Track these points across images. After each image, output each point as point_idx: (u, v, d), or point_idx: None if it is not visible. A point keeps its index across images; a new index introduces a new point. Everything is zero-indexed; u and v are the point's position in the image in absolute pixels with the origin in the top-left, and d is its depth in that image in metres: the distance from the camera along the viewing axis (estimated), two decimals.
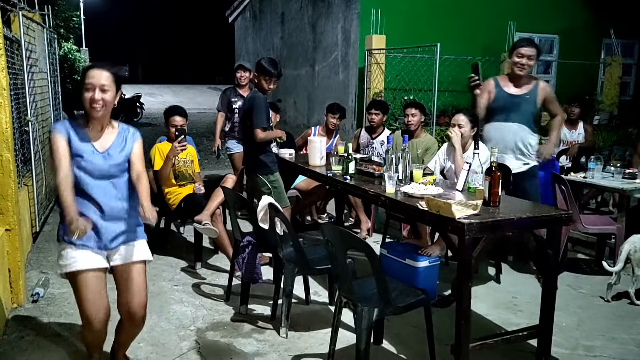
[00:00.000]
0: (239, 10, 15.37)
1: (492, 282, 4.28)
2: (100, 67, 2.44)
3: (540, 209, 2.96)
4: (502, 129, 4.16)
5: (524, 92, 4.15)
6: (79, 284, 2.43)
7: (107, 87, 2.41)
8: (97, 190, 2.45)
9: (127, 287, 2.54)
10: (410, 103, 5.27)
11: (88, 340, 2.62)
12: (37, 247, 4.80)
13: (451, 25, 8.85)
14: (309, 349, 3.18)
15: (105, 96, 2.40)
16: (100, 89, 2.39)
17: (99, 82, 2.39)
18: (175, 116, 4.56)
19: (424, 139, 5.13)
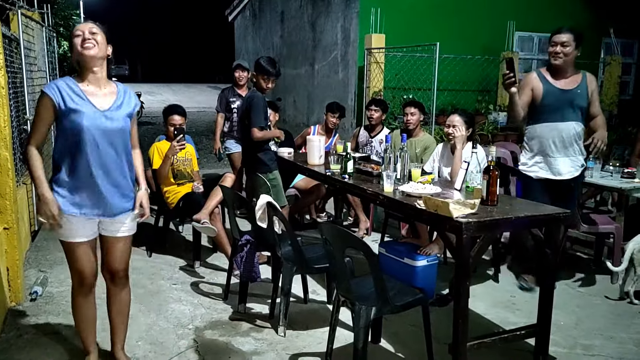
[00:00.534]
0: (238, 9, 15.35)
1: (491, 281, 4.29)
2: (86, 21, 2.51)
3: (539, 208, 2.95)
4: (559, 130, 3.72)
5: (574, 86, 3.74)
6: (72, 249, 2.56)
7: (96, 31, 2.44)
8: (98, 154, 2.44)
9: (113, 251, 2.68)
10: (409, 102, 5.26)
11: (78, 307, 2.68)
12: (36, 245, 4.80)
13: (451, 24, 8.84)
14: (307, 348, 3.19)
15: (96, 37, 2.43)
16: (90, 32, 2.42)
17: (86, 27, 2.44)
18: (174, 115, 4.56)
19: (422, 138, 5.13)
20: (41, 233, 5.09)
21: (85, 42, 2.39)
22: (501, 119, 8.82)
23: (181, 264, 4.53)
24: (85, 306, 2.69)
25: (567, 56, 3.68)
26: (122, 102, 2.55)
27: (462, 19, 8.99)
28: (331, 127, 5.76)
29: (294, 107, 11.78)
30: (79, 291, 2.66)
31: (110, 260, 2.70)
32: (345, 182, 3.75)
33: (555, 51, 3.68)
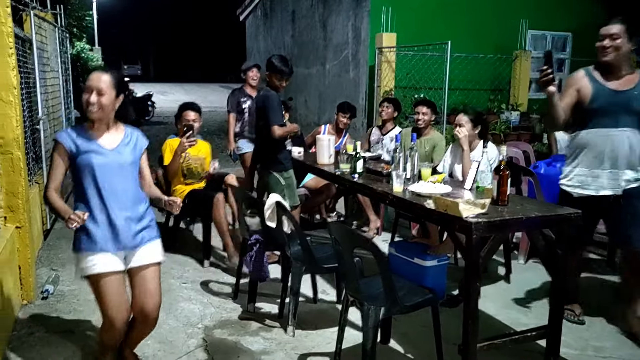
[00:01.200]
0: (250, 9, 15.39)
1: (502, 281, 4.25)
2: (101, 71, 2.48)
3: (550, 208, 2.92)
4: (612, 137, 3.17)
5: (630, 87, 3.17)
6: (100, 286, 2.46)
7: (104, 91, 2.42)
8: (111, 189, 2.47)
9: (143, 289, 2.58)
10: (421, 101, 5.22)
11: (106, 340, 2.64)
12: (48, 244, 4.85)
13: (462, 23, 8.78)
14: (316, 348, 3.18)
15: (102, 99, 2.42)
16: (97, 92, 2.41)
17: (96, 85, 2.41)
18: (188, 110, 4.58)
19: (431, 136, 5.10)
20: (53, 232, 5.14)
21: (90, 105, 2.41)
22: (513, 118, 8.75)
23: (191, 263, 4.55)
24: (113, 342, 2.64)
25: (618, 51, 3.12)
26: (129, 140, 2.59)
27: (474, 17, 8.93)
28: (342, 127, 5.75)
29: (305, 106, 11.78)
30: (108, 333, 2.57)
31: (141, 297, 2.57)
32: (354, 182, 3.74)
33: (603, 45, 3.14)
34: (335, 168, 4.18)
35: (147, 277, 2.58)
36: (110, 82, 2.44)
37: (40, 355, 2.98)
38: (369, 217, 5.39)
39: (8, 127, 3.30)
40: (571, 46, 10.10)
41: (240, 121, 6.02)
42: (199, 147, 4.61)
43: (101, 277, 2.45)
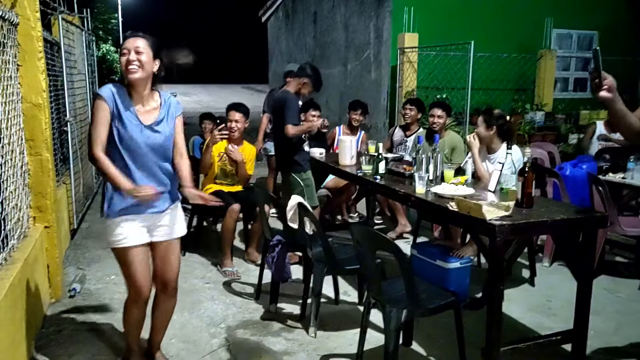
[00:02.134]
0: (271, 10, 15.46)
1: (527, 284, 4.20)
2: (134, 35, 2.48)
3: (575, 210, 2.88)
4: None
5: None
6: (128, 258, 2.55)
7: (142, 50, 2.43)
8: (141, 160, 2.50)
9: (165, 260, 2.70)
10: (437, 103, 5.19)
11: (130, 314, 2.71)
12: (75, 243, 4.94)
13: (486, 22, 8.68)
14: (337, 349, 3.18)
15: (141, 57, 2.42)
16: (135, 51, 2.42)
17: (133, 45, 2.43)
18: (233, 111, 4.62)
19: (449, 138, 5.07)
20: (80, 231, 5.24)
21: (130, 64, 2.41)
22: (538, 119, 8.63)
23: (214, 263, 4.59)
24: (138, 316, 2.72)
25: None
26: (165, 115, 2.58)
27: (498, 17, 8.82)
28: (355, 125, 5.79)
29: (326, 107, 11.77)
30: (135, 303, 2.66)
31: (162, 266, 2.70)
32: (376, 183, 3.73)
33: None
34: (357, 169, 4.18)
35: (170, 250, 2.70)
36: (147, 43, 2.47)
37: (67, 352, 3.04)
38: (399, 221, 5.34)
39: (37, 129, 3.38)
40: (597, 45, 9.91)
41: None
42: (244, 148, 4.67)
43: (130, 250, 2.54)
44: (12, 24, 3.14)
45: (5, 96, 3.01)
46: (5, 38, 3.04)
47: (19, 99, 3.25)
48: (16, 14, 3.17)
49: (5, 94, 3.02)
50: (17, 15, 3.18)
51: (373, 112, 9.85)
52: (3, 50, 3.01)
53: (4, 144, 2.89)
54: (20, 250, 2.97)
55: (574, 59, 9.92)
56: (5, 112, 3.01)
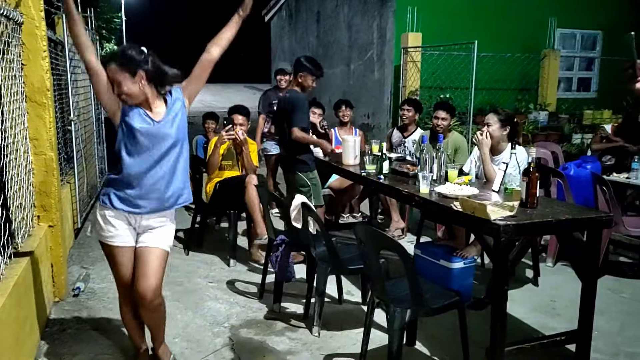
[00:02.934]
0: (275, 10, 15.47)
1: (530, 284, 4.19)
2: (109, 61, 2.40)
3: (580, 210, 2.87)
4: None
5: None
6: (115, 257, 2.59)
7: (120, 80, 2.36)
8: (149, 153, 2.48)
9: (143, 269, 2.56)
10: (441, 104, 5.17)
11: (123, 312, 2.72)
12: (79, 243, 4.95)
13: (489, 22, 8.67)
14: (341, 349, 3.18)
15: (122, 89, 2.38)
16: (117, 84, 2.38)
17: (112, 76, 2.38)
18: (236, 114, 4.66)
19: (452, 138, 5.05)
20: (84, 231, 5.24)
21: (120, 96, 2.41)
22: (542, 118, 8.62)
23: (218, 262, 4.59)
24: (130, 315, 2.72)
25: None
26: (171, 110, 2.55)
27: (501, 16, 8.81)
28: (346, 120, 5.84)
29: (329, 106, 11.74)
30: (123, 300, 2.68)
31: (138, 276, 2.56)
32: (380, 183, 3.73)
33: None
34: (361, 169, 4.17)
35: (150, 258, 2.57)
36: (120, 69, 2.36)
37: (71, 351, 3.04)
38: (392, 218, 5.36)
39: (42, 129, 3.38)
40: (601, 44, 9.89)
41: (270, 122, 6.09)
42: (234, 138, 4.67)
43: (116, 249, 2.57)
44: (17, 23, 3.14)
45: (9, 95, 3.02)
46: (10, 37, 3.04)
47: (23, 98, 3.26)
48: (21, 13, 3.18)
49: (10, 93, 3.03)
50: (21, 14, 3.18)
51: (376, 112, 9.86)
52: (7, 49, 3.02)
53: (9, 143, 2.90)
54: (25, 249, 2.97)
55: (578, 59, 9.89)
56: (10, 111, 3.01)
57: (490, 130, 3.84)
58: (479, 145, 3.83)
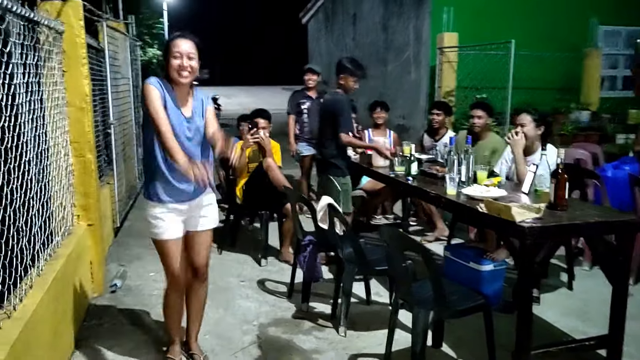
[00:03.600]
0: (312, 12, 15.58)
1: (564, 288, 4.10)
2: (186, 37, 2.58)
3: (610, 213, 2.81)
4: None
5: None
6: (165, 250, 2.74)
7: (193, 55, 2.56)
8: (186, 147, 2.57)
9: (196, 250, 2.85)
10: (477, 104, 5.12)
11: (170, 303, 2.87)
12: (118, 241, 5.14)
13: (527, 20, 8.49)
14: (367, 349, 3.21)
15: (192, 63, 2.55)
16: (187, 57, 2.54)
17: (186, 50, 2.53)
18: (258, 118, 4.76)
19: (490, 140, 4.97)
20: (123, 230, 5.44)
21: (183, 70, 2.53)
22: (583, 118, 8.39)
23: (250, 261, 4.68)
24: (177, 302, 2.89)
25: None
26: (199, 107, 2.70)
27: (540, 15, 8.62)
28: (380, 123, 5.83)
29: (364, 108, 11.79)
30: (172, 290, 2.84)
31: (193, 255, 2.86)
32: (408, 184, 3.73)
33: None
34: (390, 170, 4.19)
35: (202, 239, 2.85)
36: (197, 47, 2.58)
37: (106, 345, 3.18)
38: (437, 225, 5.30)
39: (81, 132, 3.54)
40: None
41: (299, 122, 6.16)
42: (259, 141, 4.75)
43: (166, 242, 2.71)
44: (58, 32, 3.31)
45: (51, 100, 3.18)
46: (52, 45, 3.21)
47: (64, 103, 3.42)
48: (61, 23, 3.34)
49: (52, 99, 3.19)
50: (62, 23, 3.35)
51: (412, 113, 9.80)
52: (49, 57, 3.19)
53: (50, 146, 3.06)
54: (64, 247, 3.13)
55: (622, 57, 9.57)
56: (52, 115, 3.18)
57: (525, 131, 3.78)
58: (513, 146, 3.77)
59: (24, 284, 2.45)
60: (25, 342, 2.16)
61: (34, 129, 2.82)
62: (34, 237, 2.66)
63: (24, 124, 2.61)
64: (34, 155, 2.76)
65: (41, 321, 2.45)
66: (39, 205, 2.79)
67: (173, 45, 2.55)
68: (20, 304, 2.32)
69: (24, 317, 2.22)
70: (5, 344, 2.00)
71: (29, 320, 2.23)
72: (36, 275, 2.62)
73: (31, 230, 2.61)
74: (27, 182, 2.60)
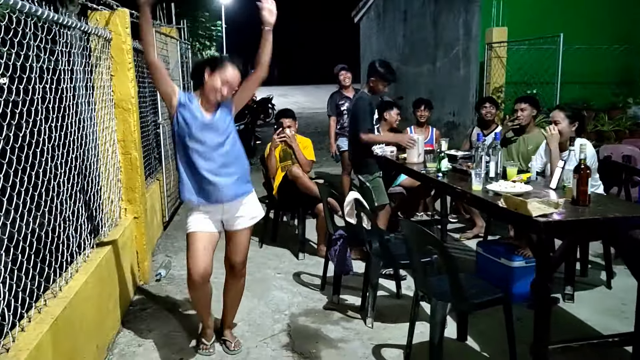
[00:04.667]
0: (364, 11, 15.63)
1: (603, 287, 4.02)
2: (235, 67, 2.77)
3: (634, 209, 2.77)
4: None
5: None
6: (189, 241, 2.91)
7: (235, 86, 2.79)
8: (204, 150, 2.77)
9: (233, 247, 3.03)
10: (521, 97, 5.08)
11: (191, 293, 3.04)
12: (167, 234, 5.45)
13: (581, 12, 8.22)
14: (391, 340, 3.30)
15: (229, 92, 2.77)
16: (230, 87, 2.76)
17: (232, 79, 2.75)
18: (283, 118, 4.94)
19: (535, 134, 4.91)
20: (172, 224, 5.75)
21: (219, 94, 2.74)
22: None
23: (288, 255, 4.86)
24: (197, 295, 3.03)
25: None
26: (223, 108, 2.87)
27: (595, 6, 8.32)
28: (422, 121, 5.86)
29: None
30: (189, 282, 3.00)
31: (230, 252, 3.05)
32: (437, 180, 3.78)
33: None
34: (423, 167, 4.24)
35: (240, 239, 3.02)
36: (239, 77, 2.79)
37: (148, 327, 3.44)
38: (476, 222, 5.30)
39: (127, 131, 3.82)
40: None
41: (340, 122, 6.31)
42: (300, 140, 4.94)
43: (192, 234, 2.89)
44: (106, 40, 3.59)
45: (100, 102, 3.47)
46: (100, 52, 3.49)
47: (112, 105, 3.71)
48: (110, 31, 3.62)
49: (101, 100, 3.48)
50: (110, 32, 3.63)
51: (462, 109, 9.70)
52: (99, 63, 3.47)
53: (97, 143, 3.34)
54: (110, 237, 3.40)
55: None
56: (100, 116, 3.46)
57: (559, 128, 3.74)
58: (549, 140, 3.74)
59: (71, 268, 2.71)
60: (68, 318, 2.41)
61: (81, 128, 3.09)
62: (81, 226, 2.92)
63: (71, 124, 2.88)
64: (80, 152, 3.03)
65: (87, 301, 2.70)
66: (86, 198, 3.06)
67: (222, 69, 2.74)
68: (66, 286, 2.58)
69: (68, 297, 2.47)
70: (49, 319, 2.25)
71: (72, 299, 2.48)
72: (82, 261, 2.88)
73: (78, 220, 2.88)
74: (73, 177, 2.86)
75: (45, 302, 2.36)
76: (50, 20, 2.50)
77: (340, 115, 6.32)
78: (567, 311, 3.62)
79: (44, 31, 2.45)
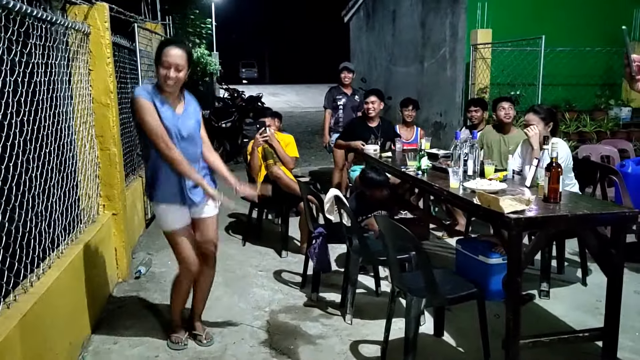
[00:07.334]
0: (353, 10, 15.65)
1: (579, 284, 4.07)
2: (177, 46, 2.69)
3: (603, 206, 2.80)
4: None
5: None
6: (176, 238, 2.92)
7: (182, 67, 2.68)
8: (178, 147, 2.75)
9: (206, 231, 3.03)
10: (502, 98, 5.17)
11: (183, 287, 3.08)
12: (148, 232, 5.42)
13: (564, 14, 8.28)
14: (370, 336, 3.31)
15: (179, 75, 2.69)
16: (175, 69, 2.66)
17: (175, 61, 2.66)
18: (264, 118, 4.99)
19: (516, 134, 4.97)
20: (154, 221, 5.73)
21: (169, 79, 2.67)
22: (624, 115, 8.13)
23: (270, 253, 4.86)
24: (188, 287, 3.10)
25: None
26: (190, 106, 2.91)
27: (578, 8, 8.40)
28: (409, 121, 5.96)
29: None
30: (186, 278, 3.03)
31: (202, 238, 3.03)
32: (416, 178, 3.81)
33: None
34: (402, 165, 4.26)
35: (207, 224, 3.03)
36: (187, 58, 2.70)
37: (124, 325, 3.42)
38: (458, 221, 5.35)
39: (106, 127, 3.81)
40: None
41: (335, 117, 6.46)
42: (282, 138, 4.98)
43: (177, 231, 2.89)
44: (84, 34, 3.58)
45: (78, 97, 3.45)
46: (78, 46, 3.47)
47: (90, 100, 3.69)
48: (88, 25, 3.61)
49: (78, 95, 3.46)
50: (88, 26, 3.61)
51: (448, 110, 9.75)
52: (76, 57, 3.45)
53: (74, 138, 3.32)
54: (87, 233, 3.39)
55: None
56: (78, 110, 3.45)
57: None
58: (532, 140, 3.80)
59: (43, 264, 2.70)
60: (39, 314, 2.40)
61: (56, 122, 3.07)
62: (54, 222, 2.91)
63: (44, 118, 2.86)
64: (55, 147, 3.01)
65: (60, 296, 2.69)
66: (60, 193, 3.04)
67: (163, 54, 2.67)
68: (38, 281, 2.57)
69: (39, 292, 2.46)
70: (18, 315, 2.24)
71: (43, 295, 2.47)
72: (56, 257, 2.87)
73: (51, 216, 2.86)
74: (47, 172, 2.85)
75: (15, 298, 2.35)
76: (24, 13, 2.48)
77: (336, 110, 6.52)
78: (542, 307, 3.66)
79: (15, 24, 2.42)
